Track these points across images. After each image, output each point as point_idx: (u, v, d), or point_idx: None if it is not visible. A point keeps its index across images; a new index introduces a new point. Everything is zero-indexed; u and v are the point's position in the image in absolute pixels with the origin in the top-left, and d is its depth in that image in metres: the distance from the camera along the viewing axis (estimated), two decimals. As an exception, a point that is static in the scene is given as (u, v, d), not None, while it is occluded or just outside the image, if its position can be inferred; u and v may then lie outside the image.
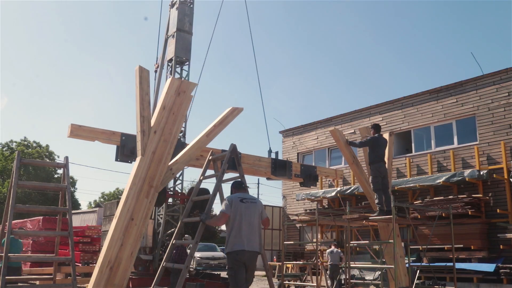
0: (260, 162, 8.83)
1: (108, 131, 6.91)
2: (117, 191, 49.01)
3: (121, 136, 6.93)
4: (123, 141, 6.91)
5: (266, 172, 8.88)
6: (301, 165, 9.76)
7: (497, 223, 12.83)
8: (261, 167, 8.80)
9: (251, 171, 8.62)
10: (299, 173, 9.65)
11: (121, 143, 6.88)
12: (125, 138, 6.92)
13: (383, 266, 9.43)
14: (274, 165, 9.04)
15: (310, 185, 9.99)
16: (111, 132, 6.92)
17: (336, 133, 9.31)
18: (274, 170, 8.96)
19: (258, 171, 8.79)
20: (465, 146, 14.36)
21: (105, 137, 6.81)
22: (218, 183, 5.97)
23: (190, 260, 5.64)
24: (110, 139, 6.86)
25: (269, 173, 8.92)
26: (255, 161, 8.76)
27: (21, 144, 40.67)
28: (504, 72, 13.78)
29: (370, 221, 9.41)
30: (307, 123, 20.11)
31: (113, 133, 6.91)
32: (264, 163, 8.89)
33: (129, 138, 6.97)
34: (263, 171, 8.82)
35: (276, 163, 9.09)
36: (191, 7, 13.50)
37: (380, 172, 8.84)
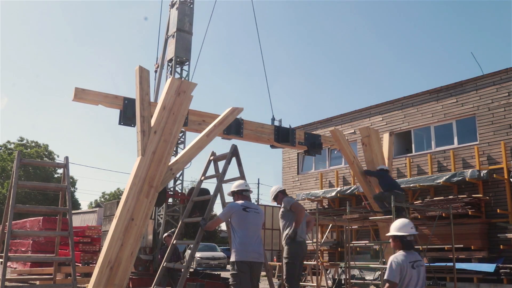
0: (263, 129, 8.72)
1: (111, 95, 6.96)
2: (117, 191, 48.98)
3: (124, 100, 6.99)
4: (126, 105, 6.96)
5: (269, 139, 8.76)
6: (305, 133, 9.59)
7: (497, 223, 12.82)
8: (264, 134, 8.69)
9: (254, 137, 8.55)
10: (303, 141, 9.44)
11: (124, 107, 6.93)
12: (128, 102, 6.97)
13: (383, 266, 9.43)
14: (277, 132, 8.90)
15: (315, 153, 9.74)
16: (113, 96, 6.97)
17: (336, 133, 9.32)
18: (277, 137, 8.83)
19: (261, 138, 8.66)
20: (465, 146, 14.35)
21: (108, 101, 6.87)
22: (218, 183, 5.97)
23: (191, 260, 5.64)
24: (113, 102, 6.91)
25: (272, 140, 8.79)
26: (258, 127, 8.65)
27: (19, 144, 40.60)
28: (504, 72, 13.77)
29: (370, 221, 9.43)
30: (307, 123, 20.10)
31: (115, 97, 6.96)
32: (267, 130, 8.78)
33: (131, 102, 7.00)
34: (265, 137, 8.71)
35: (280, 130, 8.95)
36: (191, 7, 13.50)
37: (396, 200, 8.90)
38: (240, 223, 5.11)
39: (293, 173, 20.15)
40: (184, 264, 5.65)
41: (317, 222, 11.25)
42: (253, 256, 5.04)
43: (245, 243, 5.03)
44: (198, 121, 7.68)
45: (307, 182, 19.44)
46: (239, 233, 5.08)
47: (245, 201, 5.34)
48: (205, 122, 7.66)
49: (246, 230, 5.08)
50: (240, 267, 5.00)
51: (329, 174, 18.53)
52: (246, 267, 4.99)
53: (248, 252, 5.02)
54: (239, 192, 5.43)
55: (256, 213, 5.26)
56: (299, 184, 19.78)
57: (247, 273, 5.01)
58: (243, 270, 4.98)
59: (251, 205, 5.31)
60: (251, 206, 5.26)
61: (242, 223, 5.11)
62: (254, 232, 5.14)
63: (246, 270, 5.00)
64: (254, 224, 5.17)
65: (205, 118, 7.72)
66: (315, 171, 19.25)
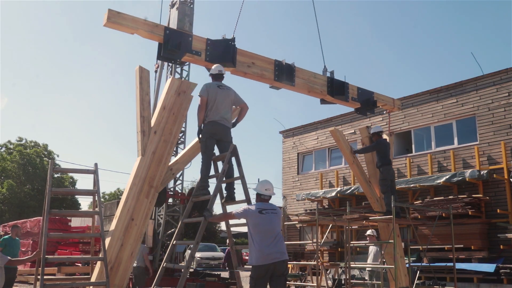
0: (315, 79, 7.88)
1: (151, 22, 6.12)
2: (118, 191, 48.99)
3: (165, 30, 6.24)
4: (167, 36, 6.19)
5: (322, 92, 7.93)
6: (358, 88, 8.59)
7: (497, 223, 12.83)
8: (316, 85, 7.86)
9: (306, 88, 7.73)
10: (356, 97, 8.49)
11: (165, 38, 6.16)
12: (169, 33, 6.25)
13: (383, 266, 9.43)
14: (330, 84, 8.01)
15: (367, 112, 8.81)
16: (154, 24, 6.14)
17: (336, 133, 9.30)
18: (331, 89, 7.99)
19: (313, 89, 7.84)
20: (465, 146, 14.36)
21: (148, 29, 6.03)
22: (218, 183, 5.97)
23: (191, 260, 5.64)
24: (153, 32, 6.08)
25: (325, 92, 7.95)
26: (310, 77, 7.80)
27: (19, 144, 40.56)
28: (504, 72, 13.77)
29: (370, 221, 9.42)
30: (307, 123, 20.11)
31: (156, 26, 6.15)
32: (319, 81, 7.94)
33: (173, 32, 6.33)
34: (318, 89, 7.88)
35: (333, 82, 8.07)
36: (191, 7, 13.49)
37: (389, 174, 8.91)
38: (256, 227, 5.09)
39: (293, 173, 20.15)
40: (184, 264, 5.64)
41: (317, 222, 11.26)
42: (273, 257, 5.01)
43: (262, 247, 5.00)
44: (247, 63, 6.96)
45: (307, 182, 19.44)
46: (256, 237, 5.06)
47: (262, 202, 5.30)
48: (254, 65, 7.04)
49: (262, 233, 5.05)
50: (256, 271, 4.99)
51: (329, 174, 18.54)
52: (263, 272, 4.98)
53: (266, 255, 4.98)
54: (258, 195, 5.39)
55: (274, 213, 5.22)
56: (299, 184, 19.78)
57: (263, 278, 5.00)
58: (259, 275, 4.98)
59: (267, 206, 5.27)
60: (267, 207, 5.22)
61: (258, 227, 5.08)
62: (272, 233, 5.10)
63: (262, 274, 4.99)
64: (271, 225, 5.14)
65: (254, 61, 7.05)
66: (315, 171, 19.25)
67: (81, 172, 6.62)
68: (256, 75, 7.13)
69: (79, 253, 15.13)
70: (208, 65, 6.60)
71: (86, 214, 19.19)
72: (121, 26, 5.81)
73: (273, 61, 7.38)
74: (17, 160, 38.27)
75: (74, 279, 8.44)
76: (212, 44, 6.65)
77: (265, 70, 7.24)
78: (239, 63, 6.89)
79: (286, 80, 7.39)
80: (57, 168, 6.40)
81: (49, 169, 5.53)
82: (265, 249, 4.99)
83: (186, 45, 6.37)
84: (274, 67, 7.35)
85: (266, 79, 7.32)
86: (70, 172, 38.26)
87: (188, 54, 6.42)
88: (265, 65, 7.27)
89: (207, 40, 6.64)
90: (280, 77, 7.34)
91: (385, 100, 9.24)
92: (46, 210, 5.28)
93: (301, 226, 18.45)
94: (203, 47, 6.57)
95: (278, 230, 5.21)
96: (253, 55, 7.13)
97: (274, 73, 7.33)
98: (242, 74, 7.02)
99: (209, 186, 6.12)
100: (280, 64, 7.43)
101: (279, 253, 5.05)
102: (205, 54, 6.55)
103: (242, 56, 6.96)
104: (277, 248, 5.05)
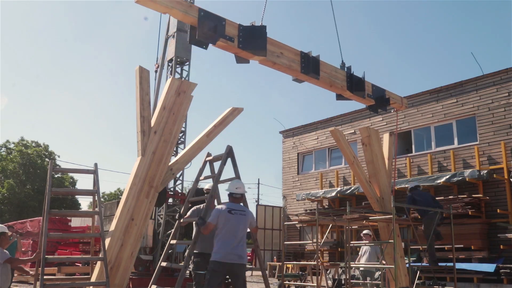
0: (336, 73, 7.71)
1: (185, 1, 5.80)
2: (118, 191, 49.01)
3: (199, 12, 5.89)
4: (202, 17, 5.87)
5: (342, 87, 7.78)
6: (372, 85, 8.49)
7: (497, 223, 12.83)
8: (337, 79, 7.70)
9: (328, 82, 7.52)
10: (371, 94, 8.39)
11: (200, 20, 5.83)
12: (204, 14, 5.91)
13: (383, 266, 9.43)
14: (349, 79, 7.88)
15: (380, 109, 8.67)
16: (188, 4, 5.81)
17: (336, 133, 9.29)
18: (350, 85, 7.85)
19: (335, 83, 7.66)
20: (465, 146, 14.36)
21: (182, 9, 5.70)
22: (214, 184, 5.98)
23: (189, 260, 5.65)
24: (187, 12, 5.75)
25: (345, 88, 7.82)
26: (332, 71, 7.63)
27: (20, 144, 40.59)
28: (504, 72, 13.77)
29: (370, 221, 9.42)
30: (307, 123, 20.12)
31: (190, 6, 5.80)
32: (340, 76, 7.78)
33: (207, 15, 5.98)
34: (339, 84, 7.72)
35: (352, 78, 7.94)
36: (191, 7, 13.49)
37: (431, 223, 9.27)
38: (223, 225, 5.18)
39: (293, 173, 20.15)
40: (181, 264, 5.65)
41: (317, 222, 11.26)
42: (232, 258, 5.10)
43: (225, 244, 5.10)
44: (276, 53, 6.71)
45: (307, 182, 19.44)
46: (220, 234, 5.16)
47: (233, 203, 5.41)
48: (283, 55, 6.79)
49: (227, 232, 5.15)
50: (214, 266, 5.10)
51: (329, 174, 18.54)
52: (220, 268, 5.07)
53: (227, 254, 5.08)
54: (229, 194, 5.50)
55: (242, 215, 5.31)
56: (299, 184, 19.78)
57: (219, 274, 5.11)
58: (216, 270, 5.08)
59: (237, 207, 5.35)
60: (237, 208, 5.31)
61: (224, 225, 5.17)
62: (236, 234, 5.19)
63: (219, 270, 5.08)
64: (237, 226, 5.22)
65: (283, 51, 6.81)
66: (315, 171, 19.26)
67: (81, 172, 6.61)
68: (285, 66, 6.84)
69: (79, 253, 15.13)
70: (239, 52, 6.32)
71: (86, 214, 19.22)
72: (154, 3, 5.49)
73: (299, 53, 7.11)
74: (17, 160, 38.29)
75: (74, 279, 8.44)
76: (245, 30, 6.31)
77: (293, 62, 6.97)
78: (269, 53, 6.56)
79: (312, 72, 7.12)
80: (57, 168, 6.41)
81: (49, 169, 5.54)
82: (227, 249, 5.10)
83: (220, 30, 6.03)
84: (300, 58, 7.10)
85: (293, 71, 7.05)
86: (70, 172, 38.38)
87: (222, 40, 6.05)
88: (292, 56, 7.00)
89: (239, 26, 6.31)
90: (306, 69, 7.08)
91: (394, 98, 9.14)
92: (46, 210, 5.29)
93: (301, 226, 18.45)
94: (235, 33, 6.25)
95: (243, 235, 5.28)
96: (281, 45, 6.83)
97: (301, 65, 7.07)
98: (271, 64, 6.73)
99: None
100: (306, 56, 7.18)
101: (238, 257, 5.16)
102: (238, 41, 6.21)
103: (272, 46, 6.63)
104: (237, 251, 5.16)
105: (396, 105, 9.29)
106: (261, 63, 6.67)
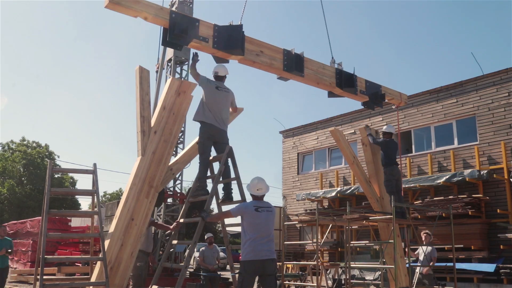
0: (324, 70, 7.62)
1: (156, 4, 5.76)
2: (119, 191, 49.02)
3: (171, 14, 5.88)
4: (173, 19, 5.84)
5: (331, 84, 7.66)
6: (366, 81, 8.38)
7: (497, 223, 12.83)
8: (325, 76, 7.60)
9: (315, 79, 7.45)
10: (364, 90, 8.25)
11: (171, 22, 5.81)
12: (175, 16, 5.90)
13: (383, 266, 9.43)
14: (339, 76, 7.75)
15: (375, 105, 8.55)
16: (158, 6, 5.79)
17: (336, 133, 9.29)
18: (340, 81, 7.74)
19: (322, 80, 7.57)
20: (465, 146, 14.36)
21: (152, 12, 5.67)
22: (215, 184, 5.97)
23: (189, 260, 5.65)
24: (157, 15, 5.72)
25: (334, 84, 7.69)
26: (319, 68, 7.52)
27: (21, 145, 40.63)
28: (504, 72, 13.77)
29: (370, 221, 9.42)
30: (307, 123, 20.12)
31: (161, 9, 5.80)
32: (328, 72, 7.69)
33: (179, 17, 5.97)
34: (327, 81, 7.62)
35: (342, 74, 7.81)
36: (190, 7, 13.50)
37: (393, 174, 8.90)
38: (251, 224, 5.16)
39: (293, 173, 20.15)
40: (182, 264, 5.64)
41: (317, 222, 11.26)
42: (264, 254, 5.10)
43: (255, 244, 5.08)
44: (256, 52, 6.66)
45: (307, 182, 19.44)
46: (249, 234, 5.14)
47: (257, 200, 5.38)
48: (263, 53, 6.74)
49: (257, 231, 5.14)
50: (246, 266, 5.07)
51: (329, 174, 18.54)
52: (253, 267, 5.06)
53: (258, 251, 5.07)
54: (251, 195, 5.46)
55: (269, 211, 5.31)
56: (299, 184, 19.78)
57: (252, 273, 5.09)
58: (248, 271, 5.06)
59: (262, 204, 5.34)
60: (263, 205, 5.30)
61: (253, 224, 5.16)
62: (266, 231, 5.20)
63: (251, 270, 5.07)
64: (266, 225, 5.22)
65: (263, 49, 6.77)
66: (315, 171, 19.26)
67: (80, 172, 6.60)
68: (265, 64, 6.82)
69: (79, 253, 15.13)
70: (215, 53, 6.34)
71: (85, 214, 19.24)
72: (123, 8, 5.49)
73: (281, 50, 7.09)
74: (19, 160, 38.32)
75: (74, 279, 8.43)
76: (220, 30, 6.33)
77: (274, 60, 6.94)
78: (248, 51, 6.57)
79: (295, 70, 7.07)
80: (56, 168, 6.38)
81: (48, 169, 5.53)
82: (257, 247, 5.09)
83: (193, 31, 6.05)
84: (283, 56, 7.07)
85: (275, 69, 7.03)
86: (69, 172, 38.40)
87: (195, 40, 6.09)
88: (274, 54, 6.98)
89: (214, 26, 6.31)
90: (289, 67, 7.04)
91: (392, 94, 9.00)
92: (45, 210, 5.28)
93: (301, 226, 18.45)
94: (210, 33, 6.26)
95: (271, 231, 5.29)
96: (261, 43, 6.82)
97: (283, 62, 7.02)
98: (250, 63, 6.72)
99: (207, 186, 6.12)
100: (289, 54, 7.14)
101: (269, 252, 5.16)
102: (213, 41, 6.22)
103: (250, 44, 6.64)
104: (268, 246, 5.17)
105: (395, 101, 9.16)
106: (240, 62, 6.65)
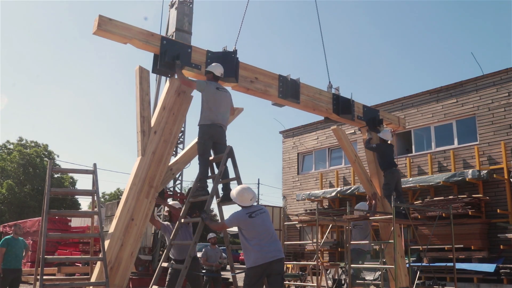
0: (320, 96, 7.56)
1: (146, 31, 5.67)
2: (118, 191, 49.01)
3: (162, 40, 5.77)
4: (164, 46, 5.71)
5: (328, 110, 7.60)
6: (364, 106, 8.29)
7: (497, 223, 12.82)
8: (322, 102, 7.55)
9: (311, 105, 7.39)
10: (362, 115, 8.20)
11: (162, 49, 5.68)
12: (167, 43, 5.79)
13: (383, 266, 9.42)
14: (336, 102, 7.67)
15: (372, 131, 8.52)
16: (149, 33, 5.70)
17: (338, 132, 9.28)
18: (337, 108, 7.65)
19: (319, 107, 7.53)
20: (465, 146, 14.36)
21: (142, 38, 5.58)
22: (215, 185, 5.96)
23: (189, 260, 5.64)
24: (148, 41, 5.64)
25: (330, 110, 7.62)
26: (315, 94, 7.46)
27: (19, 144, 40.55)
28: (504, 72, 13.77)
29: (370, 221, 9.40)
30: (307, 123, 20.10)
31: (151, 35, 5.71)
32: (325, 98, 7.63)
33: (171, 43, 5.87)
34: (324, 107, 7.57)
35: (339, 100, 7.73)
36: (190, 7, 13.49)
37: (394, 177, 8.87)
38: (251, 231, 5.10)
39: (293, 173, 20.14)
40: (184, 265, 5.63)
41: (317, 222, 11.25)
42: (271, 255, 5.03)
43: (261, 246, 5.02)
44: (250, 78, 6.59)
45: (307, 182, 19.44)
46: (251, 240, 5.07)
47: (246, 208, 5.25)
48: (258, 80, 6.66)
49: (258, 234, 5.08)
50: (252, 272, 5.01)
51: (329, 174, 18.53)
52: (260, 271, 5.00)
53: (264, 254, 5.00)
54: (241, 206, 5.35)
55: (262, 213, 5.24)
56: (299, 184, 19.78)
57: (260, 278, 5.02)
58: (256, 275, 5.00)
59: (253, 208, 5.25)
60: (254, 210, 5.22)
61: (252, 231, 5.09)
62: (267, 233, 5.13)
63: (259, 274, 5.00)
64: (264, 226, 5.16)
65: (258, 75, 6.68)
66: (315, 171, 19.25)
67: (80, 172, 6.59)
68: (260, 91, 6.74)
69: (79, 253, 15.14)
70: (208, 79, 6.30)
71: (85, 214, 19.22)
72: (112, 34, 5.40)
73: (277, 76, 7.01)
74: (17, 160, 38.27)
75: (74, 279, 8.41)
76: (213, 56, 6.27)
77: (269, 86, 6.86)
78: (242, 78, 6.50)
79: (291, 97, 7.01)
80: (56, 168, 6.36)
81: (48, 169, 5.53)
82: (264, 248, 5.03)
83: (185, 58, 5.96)
84: (278, 82, 6.97)
85: (270, 96, 6.94)
86: (69, 172, 38.37)
87: (187, 68, 6.03)
88: (269, 80, 6.90)
89: (207, 53, 6.26)
90: (284, 93, 6.97)
91: (391, 119, 8.95)
92: (45, 210, 5.28)
93: (301, 226, 18.45)
94: (203, 60, 6.20)
95: (273, 230, 5.24)
96: (256, 69, 6.76)
97: (279, 89, 6.92)
98: (244, 90, 6.64)
99: (208, 187, 6.10)
100: (284, 80, 7.05)
101: (277, 251, 5.10)
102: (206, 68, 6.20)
103: (244, 71, 6.57)
104: (274, 246, 5.10)
105: (393, 126, 9.12)
106: (233, 89, 6.59)
